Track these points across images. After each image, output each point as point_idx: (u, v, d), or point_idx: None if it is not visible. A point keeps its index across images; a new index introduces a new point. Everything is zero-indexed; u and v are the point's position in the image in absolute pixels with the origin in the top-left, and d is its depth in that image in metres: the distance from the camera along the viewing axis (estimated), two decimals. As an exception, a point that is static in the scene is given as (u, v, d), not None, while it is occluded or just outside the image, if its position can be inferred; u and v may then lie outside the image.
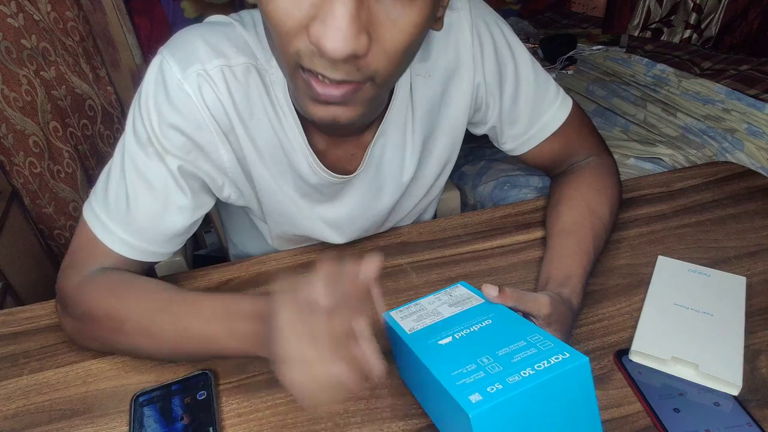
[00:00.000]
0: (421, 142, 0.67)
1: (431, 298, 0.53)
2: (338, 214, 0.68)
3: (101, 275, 0.58)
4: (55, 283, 0.61)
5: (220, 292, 0.55)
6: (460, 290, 0.54)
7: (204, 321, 0.51)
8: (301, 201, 0.65)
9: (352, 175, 0.63)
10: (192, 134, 0.56)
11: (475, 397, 0.36)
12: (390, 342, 0.52)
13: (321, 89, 0.43)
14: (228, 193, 0.64)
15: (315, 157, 0.60)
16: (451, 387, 0.38)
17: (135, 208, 0.57)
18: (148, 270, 0.64)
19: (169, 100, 0.54)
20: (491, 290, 0.47)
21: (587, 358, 0.38)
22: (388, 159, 0.66)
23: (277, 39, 0.43)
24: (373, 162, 0.65)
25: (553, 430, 0.38)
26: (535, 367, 0.38)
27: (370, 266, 0.42)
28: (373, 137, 0.62)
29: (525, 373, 0.37)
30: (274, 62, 0.56)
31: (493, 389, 0.36)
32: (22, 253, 1.21)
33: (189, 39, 0.55)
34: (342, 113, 0.46)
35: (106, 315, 0.55)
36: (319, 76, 0.43)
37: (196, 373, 0.55)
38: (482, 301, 0.50)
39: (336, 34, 0.38)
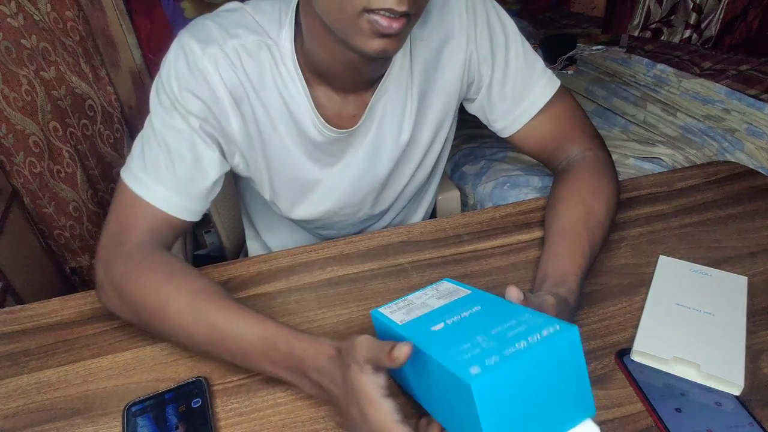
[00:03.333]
0: (417, 100, 0.71)
1: (418, 294, 0.54)
2: (344, 176, 0.73)
3: (152, 252, 0.60)
4: (97, 250, 0.63)
5: (259, 315, 0.53)
6: (446, 285, 0.54)
7: (241, 339, 0.52)
8: (311, 165, 0.71)
9: (354, 127, 0.68)
10: (207, 102, 0.62)
11: (474, 369, 0.36)
12: (378, 336, 0.52)
13: (387, 23, 0.51)
14: (237, 162, 0.69)
15: (319, 115, 0.66)
16: (450, 363, 0.38)
17: (172, 165, 0.63)
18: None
19: (189, 70, 0.61)
20: (519, 294, 0.47)
21: (576, 327, 0.39)
22: (389, 117, 0.70)
23: None
24: (374, 118, 0.70)
25: (547, 398, 0.39)
26: (529, 339, 0.38)
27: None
28: (372, 96, 0.67)
29: (520, 345, 0.38)
30: (282, 35, 0.63)
31: (491, 361, 0.37)
32: (22, 253, 1.21)
33: (205, 24, 0.62)
34: (391, 45, 0.54)
35: (149, 295, 0.56)
36: (385, 13, 0.51)
37: (190, 380, 0.54)
38: (469, 292, 0.50)
39: None
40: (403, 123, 0.71)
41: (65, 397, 0.55)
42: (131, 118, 1.69)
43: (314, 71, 0.65)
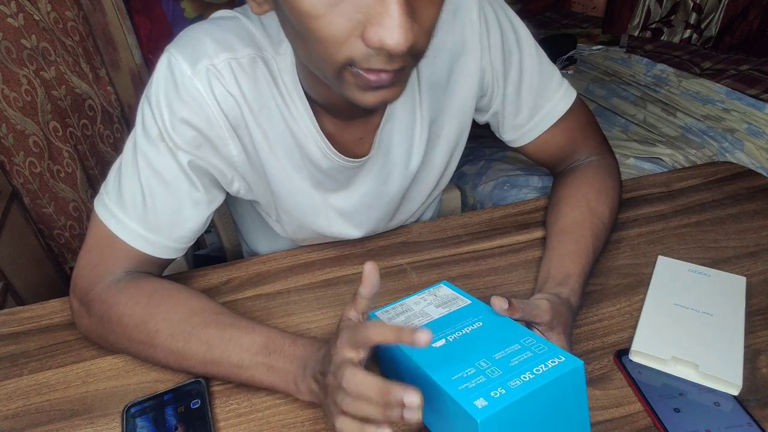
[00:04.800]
0: (428, 124, 0.67)
1: (416, 298, 0.53)
2: (351, 203, 0.69)
3: (133, 282, 0.58)
4: (71, 280, 0.60)
5: (261, 324, 0.54)
6: (444, 290, 0.54)
7: (239, 352, 0.52)
8: (314, 191, 0.66)
9: (364, 158, 0.64)
10: (202, 129, 0.57)
11: (480, 402, 0.37)
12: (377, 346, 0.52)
13: (374, 77, 0.44)
14: (237, 188, 0.64)
15: (326, 140, 0.60)
16: (455, 392, 0.38)
17: (151, 204, 0.58)
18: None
19: (179, 96, 0.55)
20: (502, 303, 0.47)
21: (582, 361, 0.39)
22: (397, 142, 0.66)
23: (323, 51, 0.43)
24: (382, 145, 0.65)
25: (548, 426, 0.39)
26: (534, 371, 0.39)
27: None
28: (380, 120, 0.63)
29: (525, 377, 0.38)
30: (282, 50, 0.57)
31: (496, 394, 0.37)
32: (22, 253, 1.21)
33: (195, 36, 0.56)
34: (390, 94, 0.47)
35: (136, 328, 0.55)
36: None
37: (189, 381, 0.54)
38: (468, 302, 0.50)
39: (396, 32, 0.39)
40: (412, 148, 0.67)
41: (65, 398, 0.55)
42: (131, 118, 1.69)
43: (311, 99, 0.59)
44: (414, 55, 0.45)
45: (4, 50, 1.18)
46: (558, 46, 2.01)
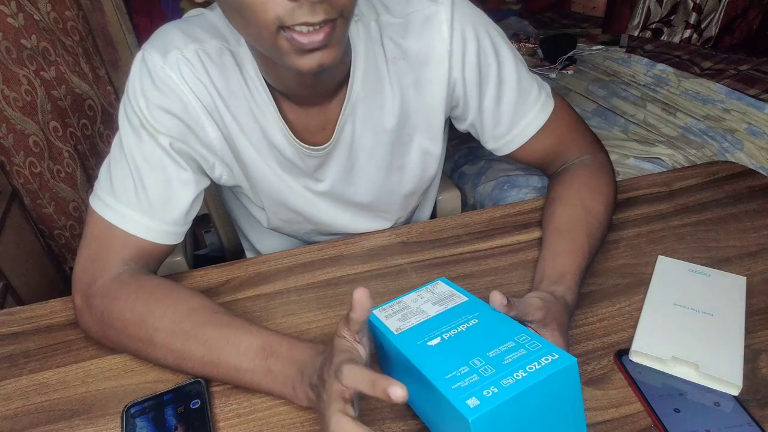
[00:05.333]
0: (396, 123, 0.68)
1: (413, 295, 0.53)
2: (321, 188, 0.71)
3: (134, 278, 0.58)
4: (72, 277, 0.61)
5: (259, 326, 0.54)
6: (441, 287, 0.54)
7: (237, 354, 0.51)
8: (285, 175, 0.69)
9: (324, 147, 0.66)
10: (179, 114, 0.60)
11: (472, 402, 0.37)
12: (374, 340, 0.52)
13: (306, 39, 0.47)
14: (219, 173, 0.67)
15: (287, 127, 0.63)
16: (447, 391, 0.38)
17: (141, 188, 0.60)
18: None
19: (154, 85, 0.59)
20: (502, 299, 0.47)
21: (575, 359, 0.39)
22: (361, 136, 0.67)
23: (252, 15, 0.47)
24: (344, 137, 0.67)
25: (543, 425, 0.39)
26: (527, 368, 0.39)
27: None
28: (340, 110, 0.64)
29: (518, 375, 0.38)
30: (242, 41, 0.60)
31: (489, 393, 0.37)
32: (22, 253, 1.21)
33: (165, 32, 0.61)
34: (326, 56, 0.50)
35: (135, 324, 0.55)
36: (303, 28, 0.47)
37: (189, 381, 0.54)
38: (465, 299, 0.50)
39: None
40: (378, 145, 0.68)
41: (64, 398, 0.55)
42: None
43: (272, 87, 0.62)
44: (339, 11, 0.48)
45: (4, 50, 1.18)
46: (558, 46, 2.00)
